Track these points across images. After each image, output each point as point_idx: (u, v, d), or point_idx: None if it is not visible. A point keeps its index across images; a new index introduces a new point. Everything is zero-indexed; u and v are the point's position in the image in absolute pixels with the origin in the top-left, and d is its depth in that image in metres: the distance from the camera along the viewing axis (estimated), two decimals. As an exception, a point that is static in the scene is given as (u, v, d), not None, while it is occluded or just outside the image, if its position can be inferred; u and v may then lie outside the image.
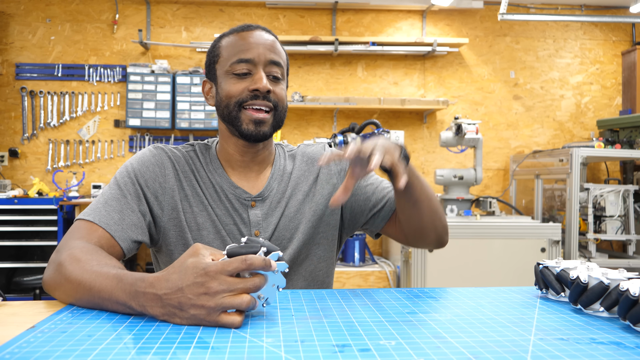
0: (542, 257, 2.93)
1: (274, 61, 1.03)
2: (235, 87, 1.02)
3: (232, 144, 1.08)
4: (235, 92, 1.02)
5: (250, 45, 1.02)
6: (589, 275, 0.76)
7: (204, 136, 4.01)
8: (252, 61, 1.01)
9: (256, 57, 1.01)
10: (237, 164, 1.09)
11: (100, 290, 0.73)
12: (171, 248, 1.05)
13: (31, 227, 3.45)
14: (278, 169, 1.13)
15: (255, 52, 1.02)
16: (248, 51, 1.02)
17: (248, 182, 1.10)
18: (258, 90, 1.00)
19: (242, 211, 1.07)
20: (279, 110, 1.05)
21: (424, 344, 0.61)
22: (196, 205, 1.06)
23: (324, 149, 1.20)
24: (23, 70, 3.94)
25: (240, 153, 1.08)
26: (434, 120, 4.22)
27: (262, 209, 1.08)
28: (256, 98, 1.01)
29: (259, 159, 1.10)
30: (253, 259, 0.67)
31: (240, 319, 0.66)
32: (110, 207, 0.98)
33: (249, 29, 1.05)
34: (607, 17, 3.66)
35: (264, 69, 1.02)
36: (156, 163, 1.06)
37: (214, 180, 1.08)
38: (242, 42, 1.03)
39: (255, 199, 1.08)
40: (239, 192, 1.07)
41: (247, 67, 1.02)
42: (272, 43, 1.05)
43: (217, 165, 1.09)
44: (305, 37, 3.91)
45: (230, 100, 1.02)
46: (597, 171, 4.27)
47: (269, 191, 1.09)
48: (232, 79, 1.03)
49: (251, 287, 0.67)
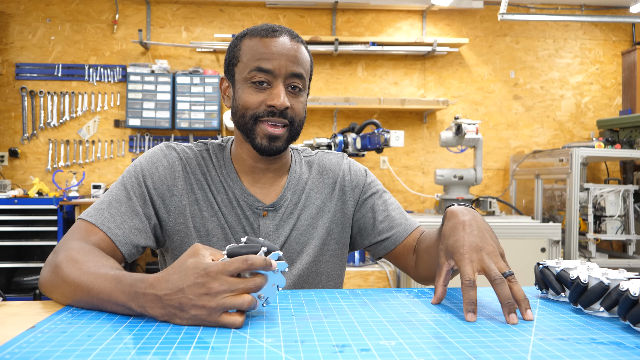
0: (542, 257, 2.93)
1: (296, 73, 0.98)
2: (252, 98, 0.98)
3: (246, 150, 1.05)
4: (252, 104, 0.98)
5: (272, 54, 0.97)
6: (589, 276, 0.76)
7: (204, 136, 4.01)
8: (272, 72, 0.96)
9: (277, 69, 0.96)
10: (250, 169, 1.06)
11: (99, 292, 0.73)
12: (176, 252, 1.03)
13: (31, 227, 3.45)
14: (294, 178, 1.09)
15: (276, 63, 0.96)
16: (269, 61, 0.96)
17: (262, 190, 1.06)
18: (274, 106, 0.97)
19: (253, 220, 1.04)
20: (295, 126, 1.01)
21: (424, 344, 0.61)
22: (207, 211, 1.03)
23: (342, 159, 1.16)
24: (23, 70, 3.94)
25: (254, 159, 1.05)
26: (434, 120, 4.22)
27: (274, 219, 1.05)
28: (273, 115, 0.97)
29: (273, 167, 1.07)
30: (254, 259, 0.66)
31: (241, 319, 0.66)
32: (113, 209, 0.96)
33: (274, 35, 0.99)
34: (607, 17, 3.66)
35: (284, 82, 0.98)
36: (166, 165, 1.03)
37: (226, 186, 1.05)
38: (263, 50, 0.97)
39: (268, 208, 1.05)
40: (251, 200, 1.04)
41: (265, 77, 0.97)
42: (295, 53, 0.98)
43: (231, 170, 1.06)
44: (305, 37, 3.91)
45: (246, 111, 0.99)
46: (597, 171, 4.27)
47: (282, 201, 1.06)
48: (250, 88, 0.98)
49: (252, 287, 0.66)
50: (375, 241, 1.12)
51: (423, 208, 4.19)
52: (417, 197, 4.19)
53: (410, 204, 4.20)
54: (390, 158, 4.14)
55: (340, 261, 1.14)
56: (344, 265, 1.15)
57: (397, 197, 4.17)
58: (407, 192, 4.13)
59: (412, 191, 4.10)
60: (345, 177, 1.14)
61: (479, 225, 0.81)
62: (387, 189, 4.15)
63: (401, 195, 4.17)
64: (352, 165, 1.17)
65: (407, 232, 1.10)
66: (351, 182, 1.14)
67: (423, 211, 4.07)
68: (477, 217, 0.84)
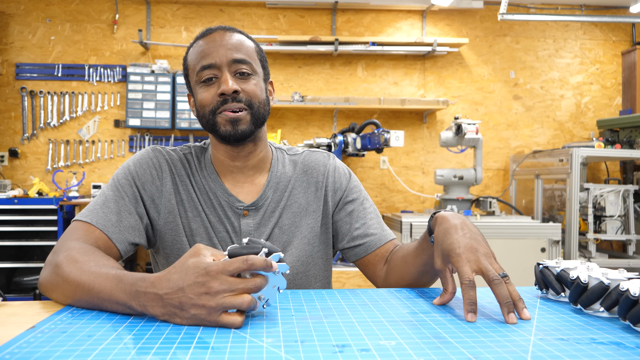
0: (542, 257, 2.93)
1: (238, 59, 1.00)
2: (205, 95, 1.00)
3: (221, 151, 1.06)
4: (207, 100, 1.00)
5: (209, 50, 1.00)
6: (589, 276, 0.76)
7: (204, 136, 4.01)
8: (215, 65, 0.99)
9: (218, 61, 0.99)
10: (229, 169, 1.07)
11: (100, 291, 0.73)
12: (167, 251, 1.05)
13: (31, 227, 3.45)
14: (275, 176, 1.10)
15: (215, 56, 0.99)
16: (209, 56, 0.99)
17: (242, 189, 1.07)
18: (224, 93, 0.98)
19: (234, 219, 1.05)
20: (255, 107, 1.01)
21: (424, 344, 0.61)
22: (190, 211, 1.05)
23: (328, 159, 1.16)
24: (23, 70, 3.94)
25: (230, 158, 1.06)
26: (434, 120, 4.22)
27: (255, 218, 1.06)
28: (226, 102, 0.99)
29: (251, 164, 1.07)
30: (254, 259, 0.66)
31: (241, 319, 0.66)
32: (108, 208, 0.97)
33: (208, 33, 1.03)
34: (607, 17, 3.66)
35: (230, 70, 1.00)
36: (154, 166, 1.05)
37: (207, 187, 1.06)
38: (202, 49, 1.01)
39: (249, 208, 1.06)
40: (232, 200, 1.05)
41: (211, 72, 1.00)
42: (233, 42, 1.01)
43: (212, 171, 1.08)
44: (305, 37, 3.91)
45: (204, 109, 1.01)
46: (597, 171, 4.27)
47: (263, 200, 1.07)
48: (202, 88, 1.01)
49: (252, 288, 0.66)
50: (347, 246, 1.11)
51: (423, 208, 4.19)
52: (417, 197, 4.19)
53: (410, 204, 4.20)
54: (390, 158, 4.14)
55: (326, 262, 1.14)
56: (330, 267, 1.15)
57: (397, 197, 4.17)
58: (407, 192, 4.13)
59: (412, 191, 4.10)
60: (329, 178, 1.14)
61: (470, 228, 0.82)
62: (387, 189, 4.16)
63: (401, 195, 4.17)
64: (337, 167, 1.16)
65: (381, 242, 1.10)
66: (334, 184, 1.14)
67: (423, 211, 4.07)
68: (467, 221, 0.84)
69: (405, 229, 2.96)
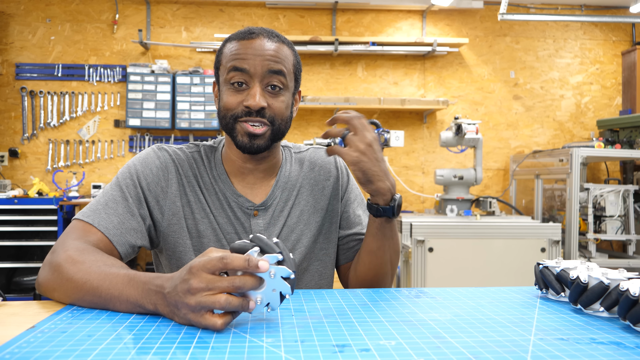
0: (542, 257, 2.93)
1: (275, 70, 0.97)
2: (231, 99, 0.98)
3: (234, 151, 1.05)
4: (231, 105, 0.98)
5: (247, 54, 0.97)
6: (589, 275, 0.76)
7: (204, 136, 4.01)
8: (248, 72, 0.96)
9: (252, 68, 0.96)
10: (240, 170, 1.06)
11: (109, 289, 0.73)
12: (170, 253, 1.03)
13: (31, 227, 3.45)
14: (283, 176, 1.10)
15: (251, 63, 0.96)
16: (244, 60, 0.96)
17: (252, 190, 1.07)
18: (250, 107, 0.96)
19: (245, 220, 1.04)
20: (276, 125, 1.00)
21: (424, 344, 0.61)
22: (198, 212, 1.03)
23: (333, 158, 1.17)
24: (23, 70, 3.94)
25: (243, 160, 1.05)
26: (434, 120, 4.22)
27: (265, 218, 1.05)
28: (250, 114, 0.97)
29: (262, 167, 1.07)
30: (231, 257, 0.64)
31: (221, 322, 0.63)
32: (110, 209, 0.95)
33: (250, 37, 0.99)
34: (607, 17, 3.66)
35: (262, 82, 0.97)
36: (160, 166, 1.03)
37: (217, 187, 1.05)
38: (240, 51, 0.98)
39: (258, 208, 1.05)
40: (241, 201, 1.04)
41: (242, 77, 0.97)
42: (272, 52, 0.98)
43: (222, 171, 1.06)
44: (305, 37, 3.91)
45: (227, 112, 0.99)
46: (597, 171, 4.27)
47: (272, 200, 1.07)
48: (230, 90, 0.99)
49: (229, 287, 0.63)
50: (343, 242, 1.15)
51: (423, 208, 4.18)
52: (417, 197, 4.19)
53: (410, 204, 4.20)
54: (390, 158, 4.14)
55: (331, 259, 1.13)
56: (334, 265, 1.15)
57: (397, 197, 4.17)
58: (407, 192, 4.13)
59: (412, 191, 4.10)
60: (337, 174, 1.15)
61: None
62: (387, 189, 4.15)
63: (401, 195, 4.16)
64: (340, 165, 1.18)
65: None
66: (342, 179, 1.15)
67: (423, 211, 4.07)
68: None
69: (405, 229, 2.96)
